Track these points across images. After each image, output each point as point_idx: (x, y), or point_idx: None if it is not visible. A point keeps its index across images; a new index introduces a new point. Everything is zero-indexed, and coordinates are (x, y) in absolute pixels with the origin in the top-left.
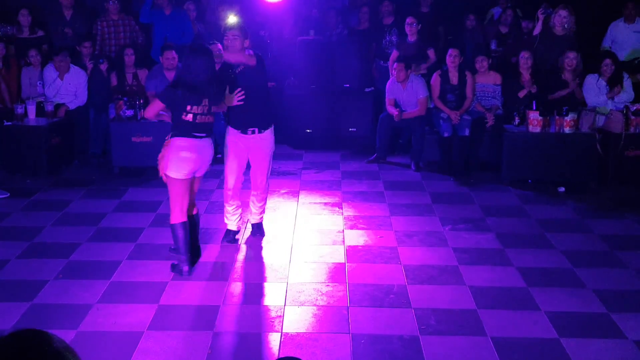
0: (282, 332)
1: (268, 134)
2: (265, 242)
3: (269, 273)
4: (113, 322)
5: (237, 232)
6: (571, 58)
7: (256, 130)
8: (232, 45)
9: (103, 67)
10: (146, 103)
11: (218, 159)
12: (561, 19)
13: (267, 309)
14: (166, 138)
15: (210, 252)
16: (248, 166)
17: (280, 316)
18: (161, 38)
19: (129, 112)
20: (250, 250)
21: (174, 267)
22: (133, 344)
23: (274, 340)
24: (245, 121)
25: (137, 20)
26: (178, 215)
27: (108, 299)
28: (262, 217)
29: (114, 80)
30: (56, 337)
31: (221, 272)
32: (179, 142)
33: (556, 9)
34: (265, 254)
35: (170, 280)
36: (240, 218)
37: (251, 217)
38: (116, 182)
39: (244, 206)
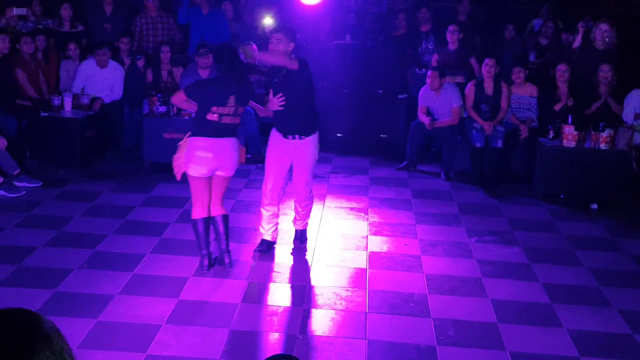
0: (298, 334)
1: (310, 141)
2: (288, 244)
3: (289, 274)
4: (133, 314)
5: (273, 243)
6: (605, 71)
7: (297, 136)
8: (276, 48)
9: (140, 63)
10: None
11: (248, 159)
12: (602, 33)
13: (285, 309)
14: (184, 138)
15: (233, 251)
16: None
17: (297, 318)
18: (198, 37)
19: (162, 109)
20: (273, 251)
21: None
22: (150, 336)
23: (289, 341)
24: (287, 126)
25: (175, 18)
26: (199, 211)
27: (129, 290)
28: (304, 224)
29: (149, 77)
30: (46, 319)
31: (242, 271)
32: (197, 141)
33: (597, 23)
34: (287, 255)
35: (192, 275)
36: (276, 228)
37: (295, 222)
38: (146, 177)
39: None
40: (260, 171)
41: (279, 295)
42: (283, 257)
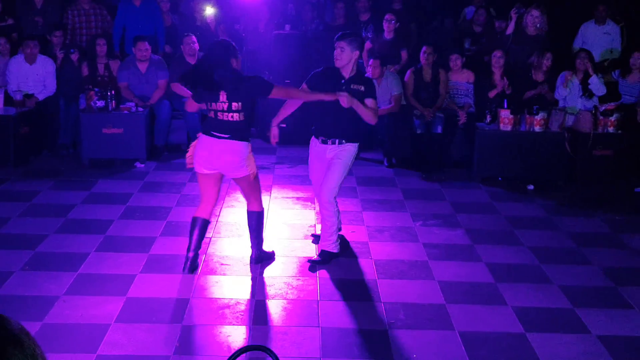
0: (250, 325)
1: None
2: (236, 236)
3: (239, 266)
4: (80, 314)
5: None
6: (547, 58)
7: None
8: (340, 57)
9: (74, 57)
10: (117, 94)
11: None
12: (533, 19)
13: (236, 302)
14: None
15: (179, 245)
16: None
17: (249, 309)
18: (132, 30)
19: (100, 103)
20: (221, 245)
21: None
22: (100, 336)
23: (242, 333)
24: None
25: (108, 9)
26: (200, 210)
27: (75, 290)
28: (323, 239)
29: (85, 71)
30: (12, 320)
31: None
32: (199, 137)
33: (528, 9)
34: (236, 247)
35: (139, 273)
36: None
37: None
38: (86, 173)
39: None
40: None
41: (230, 288)
42: (232, 249)
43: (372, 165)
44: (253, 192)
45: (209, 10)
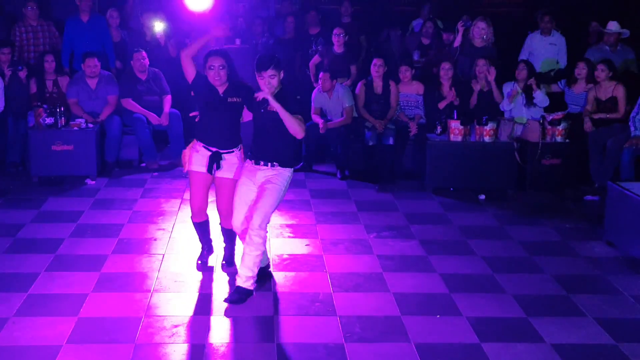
0: (207, 343)
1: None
2: (187, 252)
3: (191, 284)
4: (30, 336)
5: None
6: (480, 65)
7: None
8: (270, 85)
9: (22, 74)
10: (67, 110)
11: (142, 168)
12: (480, 31)
13: (191, 320)
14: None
15: (131, 263)
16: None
17: (205, 327)
18: (80, 46)
19: (49, 120)
20: (170, 261)
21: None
22: (51, 357)
23: (197, 351)
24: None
25: (57, 26)
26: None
27: (25, 312)
28: (241, 273)
29: (33, 88)
30: None
31: (143, 283)
32: None
33: (475, 21)
34: (186, 264)
35: (91, 292)
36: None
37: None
38: (35, 191)
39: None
40: (156, 179)
41: (184, 306)
42: (185, 266)
43: (326, 177)
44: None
45: (159, 26)
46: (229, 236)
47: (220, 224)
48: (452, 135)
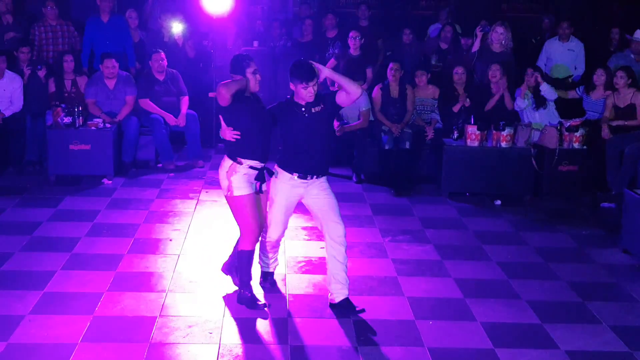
0: (220, 344)
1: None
2: (202, 253)
3: (206, 284)
4: (46, 334)
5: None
6: (494, 70)
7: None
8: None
9: (41, 73)
10: (85, 110)
11: (159, 169)
12: (498, 36)
13: (205, 320)
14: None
15: (146, 263)
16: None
17: (218, 328)
18: (100, 46)
19: (67, 119)
20: (185, 261)
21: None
22: (66, 356)
23: (211, 352)
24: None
25: (75, 26)
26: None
27: (41, 309)
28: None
29: (52, 87)
30: None
31: (158, 283)
32: None
33: (493, 26)
34: (201, 264)
35: (106, 291)
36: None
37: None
38: (52, 190)
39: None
40: (172, 180)
41: (198, 306)
42: (200, 267)
43: (341, 181)
44: (238, 222)
45: (177, 27)
46: (248, 260)
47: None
48: (469, 140)
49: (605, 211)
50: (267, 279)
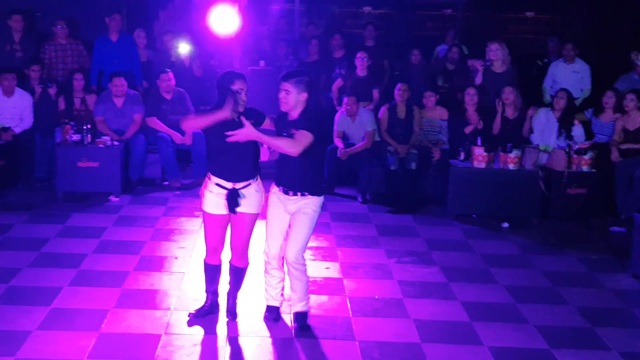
0: None
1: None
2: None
3: None
4: (52, 350)
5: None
6: (507, 93)
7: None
8: (285, 100)
9: (52, 91)
10: (93, 128)
11: (165, 187)
12: (494, 53)
13: (211, 339)
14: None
15: (152, 280)
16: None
17: (224, 347)
18: (109, 65)
19: (76, 137)
20: (191, 279)
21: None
22: None
23: None
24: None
25: (85, 45)
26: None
27: (48, 325)
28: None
29: (61, 105)
30: None
31: (163, 301)
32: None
33: (487, 47)
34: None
35: (112, 308)
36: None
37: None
38: (60, 207)
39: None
40: (179, 198)
41: (204, 325)
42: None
43: (347, 201)
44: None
45: (184, 47)
46: (238, 277)
47: (230, 261)
48: (476, 162)
49: (614, 235)
50: (272, 313)
